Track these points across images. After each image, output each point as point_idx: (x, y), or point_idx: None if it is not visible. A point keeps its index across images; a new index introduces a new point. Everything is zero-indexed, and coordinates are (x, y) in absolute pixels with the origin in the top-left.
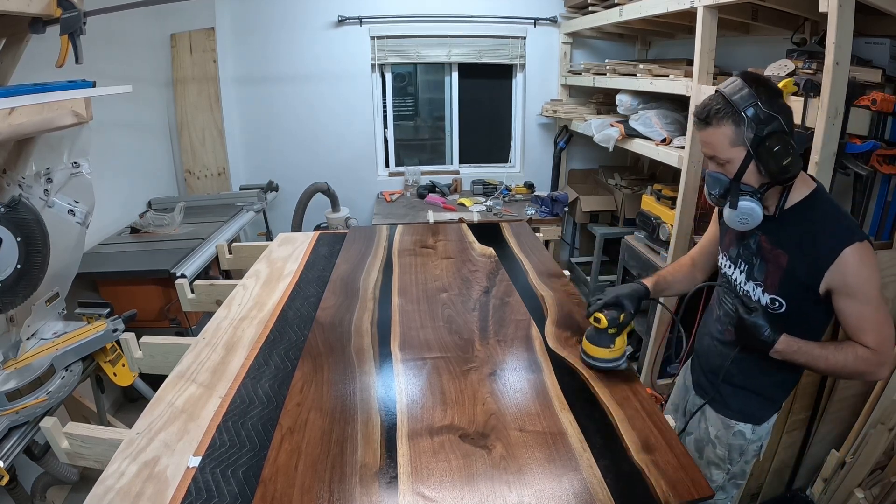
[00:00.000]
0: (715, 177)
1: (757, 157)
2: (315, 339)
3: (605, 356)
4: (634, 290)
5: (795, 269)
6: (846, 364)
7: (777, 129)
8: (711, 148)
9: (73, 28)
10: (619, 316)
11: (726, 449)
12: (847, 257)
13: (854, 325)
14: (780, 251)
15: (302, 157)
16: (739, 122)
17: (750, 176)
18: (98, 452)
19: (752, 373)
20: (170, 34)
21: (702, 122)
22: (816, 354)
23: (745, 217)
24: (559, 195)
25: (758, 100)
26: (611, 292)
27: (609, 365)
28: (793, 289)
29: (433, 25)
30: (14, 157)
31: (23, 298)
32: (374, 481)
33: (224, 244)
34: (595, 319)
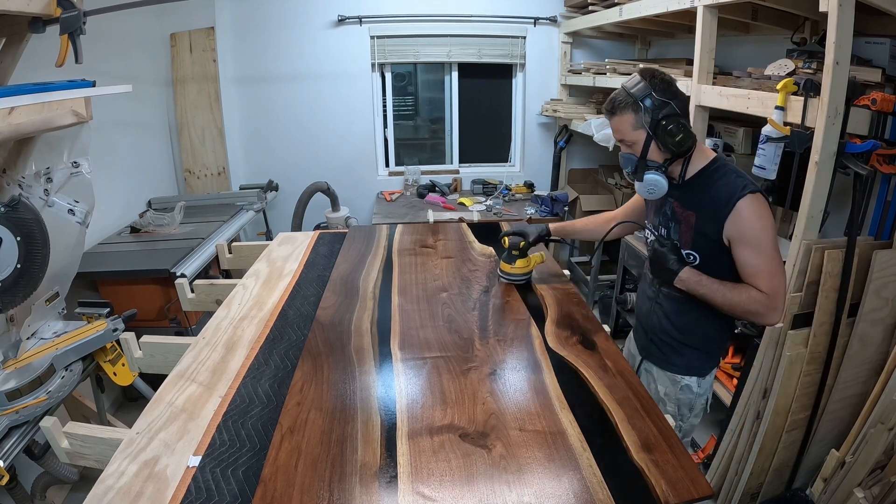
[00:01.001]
0: (626, 157)
1: (655, 136)
2: (315, 339)
3: (507, 270)
4: (538, 227)
5: (702, 225)
6: (740, 301)
7: (670, 112)
8: (619, 133)
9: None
10: (519, 242)
11: (676, 404)
12: (741, 208)
13: (749, 272)
14: (689, 212)
15: (302, 156)
16: (638, 110)
17: (653, 153)
18: (98, 452)
19: (688, 328)
20: (170, 33)
21: (609, 112)
22: (715, 289)
23: (652, 187)
24: (559, 194)
25: (652, 90)
26: (520, 225)
27: (511, 278)
28: (702, 242)
29: (433, 25)
30: (14, 156)
31: (23, 298)
32: (374, 481)
33: (224, 244)
34: (502, 241)
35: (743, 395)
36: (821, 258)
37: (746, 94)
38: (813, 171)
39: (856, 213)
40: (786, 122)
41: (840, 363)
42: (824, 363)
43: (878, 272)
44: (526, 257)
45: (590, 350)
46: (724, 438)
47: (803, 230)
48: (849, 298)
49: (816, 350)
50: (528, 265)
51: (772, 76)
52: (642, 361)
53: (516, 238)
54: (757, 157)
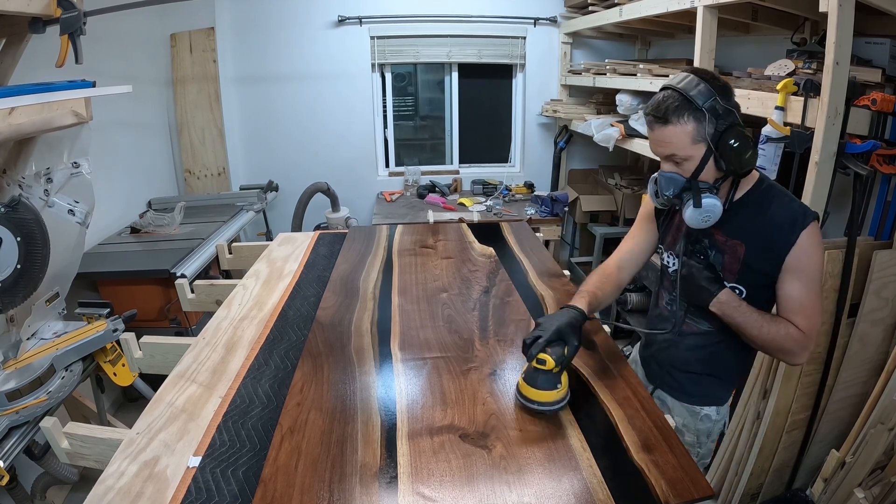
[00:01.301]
0: (669, 177)
1: (718, 152)
2: (315, 339)
3: (552, 398)
4: (573, 318)
5: (753, 256)
6: (776, 337)
7: (735, 122)
8: (670, 147)
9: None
10: (563, 351)
11: (695, 435)
12: (804, 240)
13: (792, 306)
14: (736, 242)
15: (302, 156)
16: (700, 118)
17: (707, 172)
18: (98, 452)
19: (710, 360)
20: (170, 34)
21: (659, 120)
22: (754, 318)
23: (708, 214)
24: (559, 195)
25: (715, 94)
26: (548, 326)
27: (557, 407)
28: (751, 275)
29: (433, 25)
30: (14, 156)
31: (23, 298)
32: (374, 481)
33: (224, 244)
34: (539, 361)
35: (743, 396)
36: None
37: (746, 95)
38: (813, 171)
39: (856, 214)
40: (786, 122)
41: (840, 363)
42: (824, 363)
43: (878, 272)
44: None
45: (590, 350)
46: (724, 439)
47: None
48: (849, 299)
49: (816, 350)
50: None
51: (772, 76)
52: (654, 390)
53: (558, 349)
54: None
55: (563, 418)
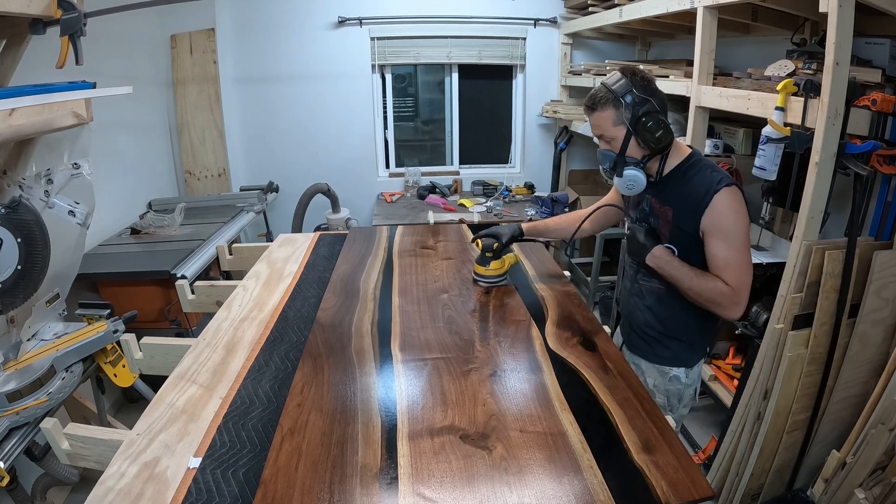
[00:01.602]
0: (604, 153)
1: (635, 132)
2: (315, 340)
3: (481, 272)
4: (510, 227)
5: (679, 219)
6: (704, 290)
7: (650, 109)
8: (599, 129)
9: (74, 29)
10: (493, 244)
11: (665, 395)
12: (717, 201)
13: (718, 263)
14: (666, 207)
15: (302, 157)
16: (619, 106)
17: (632, 150)
18: (98, 453)
19: (670, 320)
20: (170, 35)
21: (589, 108)
22: (684, 272)
23: (631, 182)
24: (559, 196)
25: (633, 87)
26: (492, 228)
27: (485, 280)
28: (679, 236)
29: (433, 26)
30: (14, 158)
31: (23, 299)
32: (375, 482)
33: (224, 245)
34: (475, 244)
35: (744, 396)
36: (821, 259)
37: (746, 95)
38: (813, 171)
39: (856, 214)
40: (786, 122)
41: (841, 364)
42: (825, 364)
43: (879, 273)
44: (500, 259)
45: (590, 351)
46: (724, 439)
47: (804, 231)
48: (849, 299)
49: (817, 351)
50: (503, 266)
51: (772, 77)
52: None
53: (489, 240)
54: (757, 157)
55: (564, 419)
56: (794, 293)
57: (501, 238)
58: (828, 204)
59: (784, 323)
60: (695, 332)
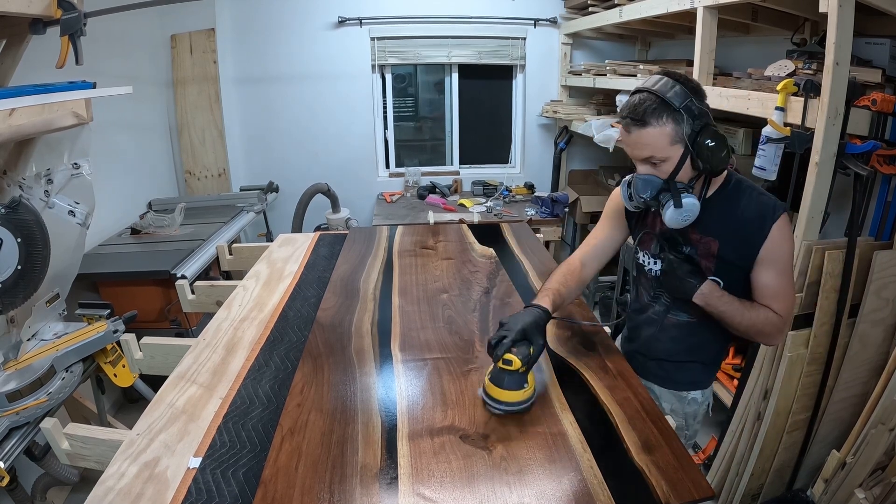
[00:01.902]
0: (647, 179)
1: (695, 152)
2: (315, 340)
3: (519, 399)
4: (537, 317)
5: (727, 251)
6: (756, 322)
7: (709, 122)
8: (649, 148)
9: (74, 29)
10: (529, 351)
11: (683, 418)
12: (776, 232)
13: (769, 293)
14: (709, 238)
15: (302, 157)
16: (678, 120)
17: (684, 172)
18: (98, 453)
19: (694, 349)
20: (170, 35)
21: (637, 122)
22: (736, 306)
23: (688, 214)
24: (559, 196)
25: (691, 96)
26: (513, 326)
27: (523, 406)
28: (725, 269)
29: (433, 26)
30: (14, 158)
31: (23, 299)
32: (375, 482)
33: (224, 245)
34: (505, 362)
35: (744, 396)
36: (821, 259)
37: (746, 95)
38: (813, 171)
39: (856, 214)
40: (786, 122)
41: (841, 364)
42: (825, 364)
43: (879, 273)
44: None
45: (590, 351)
46: (724, 439)
47: (804, 231)
48: (849, 299)
49: (817, 351)
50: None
51: (772, 77)
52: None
53: (524, 349)
54: (757, 157)
55: (564, 419)
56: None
57: (535, 337)
58: (828, 204)
59: None
60: (714, 354)
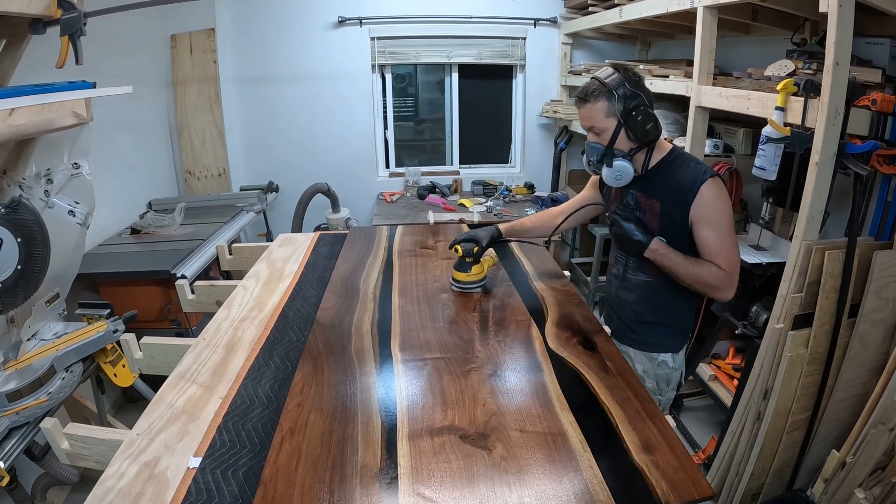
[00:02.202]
0: (593, 146)
1: (626, 124)
2: (315, 340)
3: (462, 279)
4: (488, 230)
5: (667, 211)
6: (701, 275)
7: (640, 103)
8: (590, 120)
9: (74, 29)
10: (472, 248)
11: (654, 380)
12: (704, 191)
13: (710, 249)
14: (653, 200)
15: (302, 157)
16: (611, 98)
17: (621, 142)
18: (98, 453)
19: (657, 309)
20: (170, 35)
21: (581, 100)
22: (680, 262)
23: (619, 173)
24: (559, 196)
25: (625, 81)
26: (470, 232)
27: (467, 286)
28: (668, 227)
29: (433, 26)
30: (14, 157)
31: (23, 299)
32: (375, 482)
33: (224, 245)
34: (455, 250)
35: (744, 396)
36: (821, 259)
37: (746, 95)
38: (813, 171)
39: (856, 214)
40: (786, 122)
41: (840, 364)
42: (825, 364)
43: (879, 273)
44: (479, 263)
45: (590, 351)
46: (724, 439)
47: (804, 231)
48: (849, 299)
49: (817, 351)
50: (483, 271)
51: (772, 77)
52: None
53: (469, 245)
54: (757, 157)
55: (564, 419)
56: (794, 293)
57: (481, 241)
58: (828, 204)
59: (784, 323)
60: (681, 317)
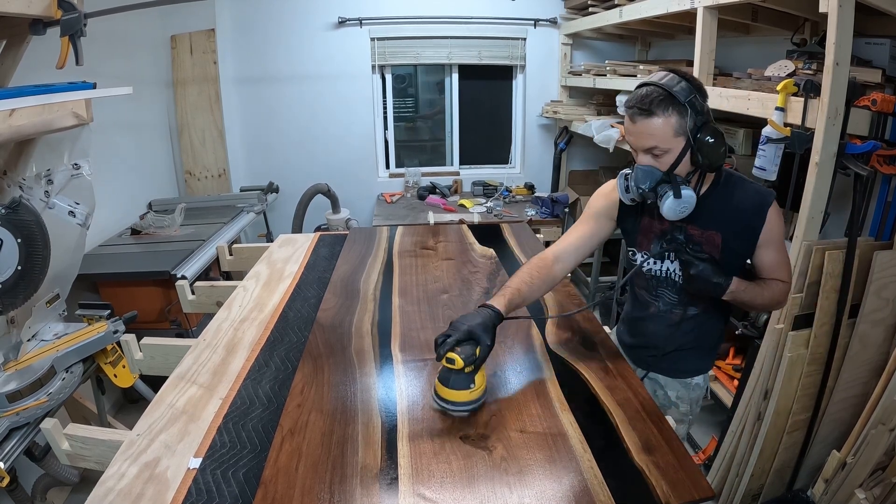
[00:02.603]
0: (647, 170)
1: (696, 146)
2: (315, 341)
3: (465, 399)
4: (486, 317)
5: (731, 242)
6: (772, 297)
7: (710, 120)
8: (653, 138)
9: (74, 29)
10: (474, 352)
11: (689, 404)
12: (772, 217)
13: (773, 267)
14: (711, 232)
15: (302, 158)
16: (683, 113)
17: (682, 166)
18: (98, 454)
19: (702, 337)
20: (170, 35)
21: (644, 112)
22: (757, 291)
23: (685, 206)
24: (559, 196)
25: (695, 92)
26: (460, 325)
27: (471, 407)
28: (730, 259)
29: (433, 27)
30: (14, 158)
31: (23, 300)
32: (375, 483)
33: (224, 245)
34: (448, 360)
35: (744, 397)
36: (821, 259)
37: (747, 95)
38: (813, 171)
39: (856, 214)
40: (786, 122)
41: (841, 364)
42: (825, 364)
43: (879, 273)
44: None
45: (590, 351)
46: (724, 440)
47: (804, 231)
48: (849, 299)
49: (817, 351)
50: (484, 380)
51: (772, 77)
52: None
53: (469, 347)
54: (757, 158)
55: (564, 419)
56: (795, 293)
57: (482, 339)
58: (828, 204)
59: (784, 323)
60: (717, 340)
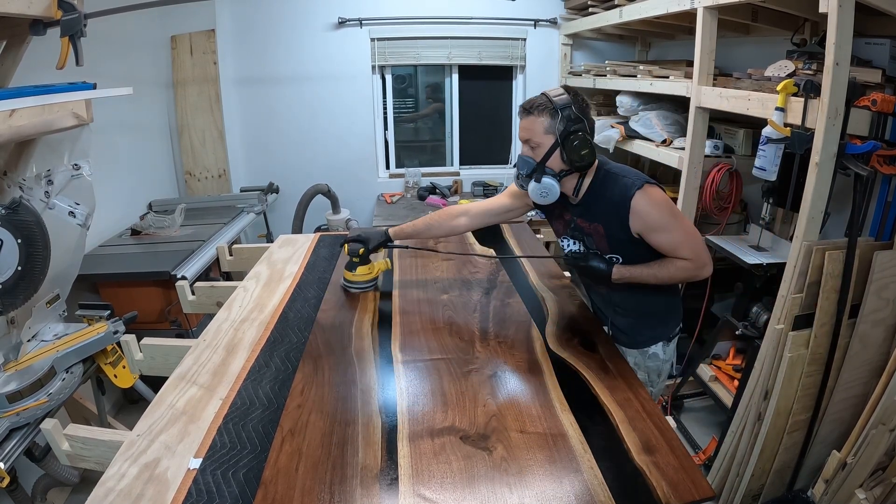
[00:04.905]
0: (525, 159)
1: (563, 145)
2: (316, 341)
3: (349, 278)
4: (378, 232)
5: (612, 231)
6: (672, 274)
7: (581, 129)
8: (528, 132)
9: (74, 30)
10: (359, 249)
11: (646, 372)
12: (635, 206)
13: (668, 249)
14: (595, 224)
15: (302, 158)
16: (554, 116)
17: (554, 161)
18: (99, 454)
19: (640, 305)
20: (170, 36)
21: (525, 111)
22: (646, 273)
23: (545, 190)
24: None
25: (573, 104)
26: (361, 232)
27: (352, 286)
28: (618, 244)
29: (433, 27)
30: (14, 158)
31: (23, 300)
32: (375, 483)
33: (225, 246)
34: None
35: (744, 397)
36: (821, 259)
37: (747, 96)
38: (813, 172)
39: (856, 214)
40: (786, 123)
41: (841, 364)
42: (825, 364)
43: (879, 273)
44: (368, 264)
45: (590, 351)
46: (725, 440)
47: (804, 231)
48: (849, 299)
49: (817, 351)
50: (371, 272)
51: (772, 77)
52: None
53: (355, 245)
54: (757, 158)
55: (564, 420)
56: (795, 293)
57: (368, 243)
58: (828, 204)
59: (784, 323)
60: (663, 307)
